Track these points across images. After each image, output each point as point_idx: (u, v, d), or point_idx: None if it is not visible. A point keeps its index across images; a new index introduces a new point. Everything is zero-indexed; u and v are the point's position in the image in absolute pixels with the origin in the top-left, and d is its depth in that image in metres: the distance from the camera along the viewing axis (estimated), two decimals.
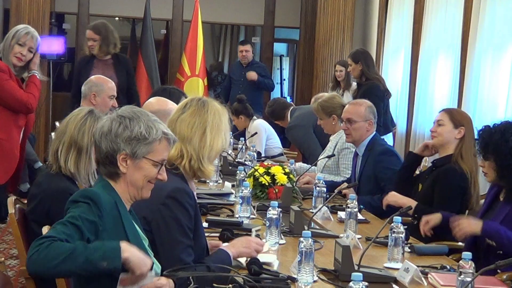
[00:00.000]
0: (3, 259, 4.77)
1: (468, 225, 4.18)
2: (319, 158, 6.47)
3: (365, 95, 7.22)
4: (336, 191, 5.18)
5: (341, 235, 4.26)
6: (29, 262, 2.65)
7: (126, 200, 3.00)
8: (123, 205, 2.98)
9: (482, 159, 4.29)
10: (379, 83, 7.96)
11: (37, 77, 6.13)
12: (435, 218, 4.57)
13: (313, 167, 6.40)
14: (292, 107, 7.95)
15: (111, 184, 2.98)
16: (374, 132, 5.77)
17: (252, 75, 10.67)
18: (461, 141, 4.89)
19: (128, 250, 2.73)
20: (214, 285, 3.00)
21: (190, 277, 2.94)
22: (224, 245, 3.57)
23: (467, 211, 4.79)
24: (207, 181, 6.02)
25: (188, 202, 3.39)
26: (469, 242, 4.27)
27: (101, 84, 6.06)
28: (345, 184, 5.58)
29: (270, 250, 3.92)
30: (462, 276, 3.14)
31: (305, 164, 6.87)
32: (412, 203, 4.71)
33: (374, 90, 7.77)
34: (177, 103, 5.07)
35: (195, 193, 3.62)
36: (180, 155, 3.49)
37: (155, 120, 3.02)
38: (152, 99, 5.17)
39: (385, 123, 7.74)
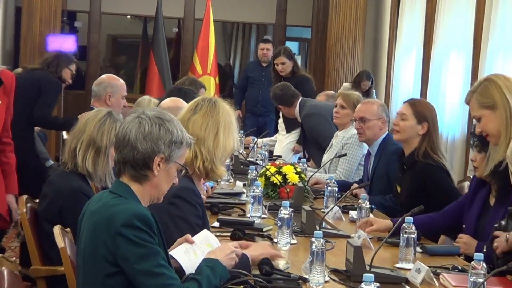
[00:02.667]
0: (14, 258, 4.78)
1: (468, 247, 4.05)
2: (330, 159, 6.40)
3: (298, 87, 7.78)
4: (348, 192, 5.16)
5: (353, 235, 4.24)
6: None
7: (144, 203, 2.95)
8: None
9: (475, 152, 4.20)
10: (309, 77, 8.82)
11: None
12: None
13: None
14: (301, 98, 7.74)
15: (131, 188, 2.92)
16: (387, 132, 5.74)
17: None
18: (425, 136, 4.85)
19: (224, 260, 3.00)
20: (227, 285, 3.00)
21: None
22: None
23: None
24: (219, 180, 6.01)
25: (196, 200, 3.41)
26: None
27: (116, 84, 5.99)
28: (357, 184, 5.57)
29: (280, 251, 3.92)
30: (474, 277, 3.13)
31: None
32: None
33: (307, 83, 8.57)
34: None
35: (201, 193, 3.63)
36: (195, 156, 3.50)
37: (179, 123, 3.02)
38: (167, 100, 5.18)
39: None
